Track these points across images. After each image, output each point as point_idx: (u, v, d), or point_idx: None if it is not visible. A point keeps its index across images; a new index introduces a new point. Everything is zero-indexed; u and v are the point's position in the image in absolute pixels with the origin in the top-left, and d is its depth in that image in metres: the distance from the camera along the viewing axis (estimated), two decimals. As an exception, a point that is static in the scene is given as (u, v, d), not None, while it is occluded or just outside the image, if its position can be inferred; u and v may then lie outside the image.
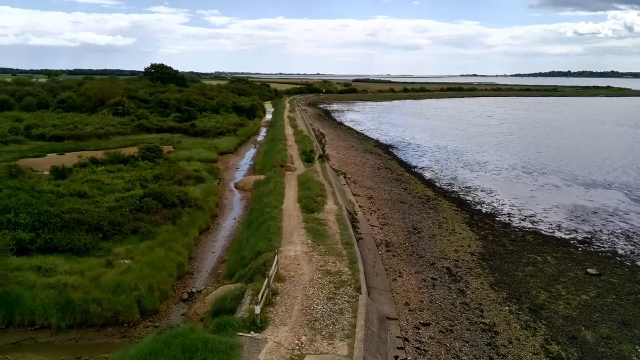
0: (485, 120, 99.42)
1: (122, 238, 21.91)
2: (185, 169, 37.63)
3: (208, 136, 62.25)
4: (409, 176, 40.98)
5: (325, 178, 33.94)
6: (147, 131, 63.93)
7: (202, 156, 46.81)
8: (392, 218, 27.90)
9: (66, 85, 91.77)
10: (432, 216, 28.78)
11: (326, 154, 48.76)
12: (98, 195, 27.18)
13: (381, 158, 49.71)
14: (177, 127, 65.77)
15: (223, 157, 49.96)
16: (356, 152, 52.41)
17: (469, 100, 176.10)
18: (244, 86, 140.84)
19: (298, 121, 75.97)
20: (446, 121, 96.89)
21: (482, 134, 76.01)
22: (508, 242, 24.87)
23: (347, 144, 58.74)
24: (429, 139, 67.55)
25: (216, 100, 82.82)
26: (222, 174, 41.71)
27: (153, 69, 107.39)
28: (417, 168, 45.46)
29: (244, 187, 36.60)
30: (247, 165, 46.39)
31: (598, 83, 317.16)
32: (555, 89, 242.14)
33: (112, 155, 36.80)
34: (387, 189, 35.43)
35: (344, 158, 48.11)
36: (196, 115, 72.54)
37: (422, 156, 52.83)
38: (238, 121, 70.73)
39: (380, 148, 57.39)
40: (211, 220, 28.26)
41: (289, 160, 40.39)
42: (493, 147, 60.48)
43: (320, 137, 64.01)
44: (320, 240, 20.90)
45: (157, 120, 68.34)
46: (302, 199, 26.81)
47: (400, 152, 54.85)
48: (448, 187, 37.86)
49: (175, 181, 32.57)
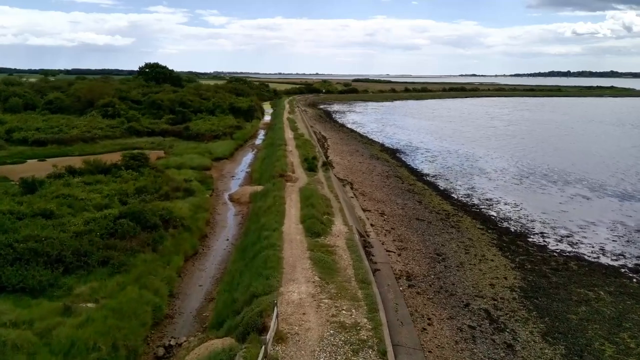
0: (491, 122, 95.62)
1: (87, 272, 18.02)
2: (174, 179, 33.78)
3: (202, 140, 58.37)
4: (422, 186, 37.12)
5: (331, 190, 30.07)
6: (137, 134, 60.05)
7: (194, 163, 42.96)
8: (410, 240, 24.03)
9: (55, 86, 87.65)
10: (456, 237, 24.92)
11: (330, 161, 44.89)
12: (68, 214, 23.28)
13: (389, 164, 45.85)
14: (170, 130, 61.89)
15: (217, 164, 46.07)
16: (362, 158, 48.55)
17: (471, 101, 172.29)
18: (242, 86, 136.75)
19: (298, 123, 72.09)
20: (451, 123, 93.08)
21: (491, 136, 72.20)
22: (550, 272, 21.02)
23: (351, 148, 54.88)
24: (438, 143, 63.71)
25: (212, 102, 78.90)
26: (216, 183, 37.84)
27: (147, 69, 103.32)
28: (429, 176, 41.60)
29: (240, 200, 32.73)
30: (244, 173, 42.51)
31: (598, 83, 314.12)
32: (559, 89, 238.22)
33: (92, 164, 32.90)
34: (400, 202, 31.56)
35: (349, 165, 44.24)
36: (191, 117, 68.63)
37: (433, 162, 48.97)
38: (235, 123, 66.83)
39: (386, 153, 53.54)
40: (200, 242, 24.41)
41: (290, 168, 36.53)
42: (507, 152, 56.65)
43: (322, 140, 60.13)
44: (329, 276, 17.03)
45: (149, 122, 64.43)
46: (306, 218, 22.94)
47: (408, 158, 50.99)
48: (467, 199, 34.02)
49: (161, 195, 28.73)
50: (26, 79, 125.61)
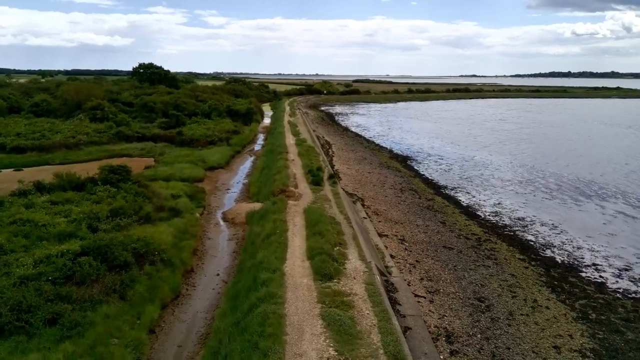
0: (501, 125, 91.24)
1: (28, 337, 13.63)
2: (160, 195, 29.44)
3: (197, 146, 54.00)
4: (442, 201, 32.73)
5: (341, 211, 25.66)
6: (126, 140, 55.65)
7: (185, 174, 38.60)
8: (442, 278, 19.62)
9: (43, 87, 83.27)
10: (495, 272, 20.51)
11: (336, 171, 40.50)
12: (21, 248, 18.89)
13: (401, 175, 41.46)
14: (162, 135, 57.50)
15: (212, 174, 41.69)
16: (370, 167, 44.15)
17: (476, 102, 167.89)
18: (241, 87, 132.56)
19: (300, 127, 67.70)
20: (460, 125, 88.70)
21: (505, 141, 67.82)
22: (622, 324, 16.63)
23: (358, 155, 50.48)
24: (450, 148, 59.33)
25: (208, 104, 74.47)
26: (208, 198, 33.48)
27: (141, 69, 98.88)
28: (448, 189, 37.21)
29: (234, 220, 28.35)
30: (240, 185, 38.14)
31: (598, 84, 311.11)
32: (565, 90, 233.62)
33: (64, 179, 28.48)
34: (421, 223, 27.16)
35: (357, 175, 39.85)
36: (185, 120, 64.25)
37: (449, 171, 44.57)
38: (232, 128, 62.43)
39: (396, 160, 49.15)
40: (184, 279, 20.04)
41: (292, 182, 32.14)
42: (527, 159, 52.25)
43: (327, 146, 55.76)
44: (349, 346, 12.61)
45: (140, 126, 60.03)
46: (314, 253, 18.54)
47: (421, 166, 46.60)
48: (495, 218, 29.62)
49: (142, 217, 24.37)
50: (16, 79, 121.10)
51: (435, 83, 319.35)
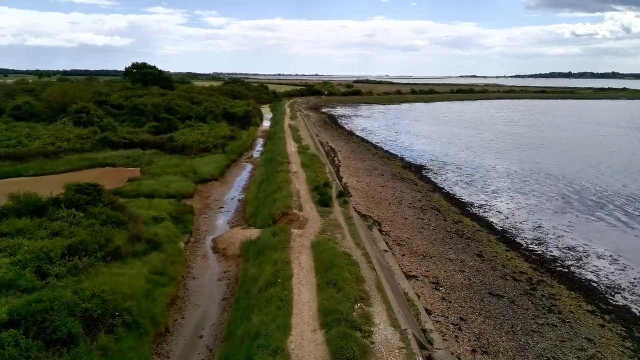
0: (512, 128, 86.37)
1: None
2: (137, 218, 24.60)
3: (189, 154, 49.09)
4: (472, 224, 27.82)
5: (357, 243, 20.74)
6: (112, 147, 50.76)
7: (172, 189, 33.73)
8: (500, 349, 14.67)
9: (29, 88, 78.19)
10: (567, 336, 15.59)
11: (345, 184, 35.62)
12: None
13: (418, 189, 36.55)
14: (152, 141, 52.59)
15: (204, 188, 36.80)
16: (383, 179, 39.24)
17: (482, 104, 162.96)
18: (239, 88, 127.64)
19: (302, 131, 62.82)
20: (469, 129, 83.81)
21: (522, 147, 62.97)
22: None
23: (367, 165, 45.56)
24: (465, 156, 54.45)
25: (204, 107, 69.51)
26: (197, 220, 28.60)
27: (134, 69, 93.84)
28: (475, 207, 32.30)
29: (226, 252, 23.46)
30: (236, 202, 33.25)
31: (599, 85, 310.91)
32: (572, 91, 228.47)
33: (21, 202, 23.54)
34: (454, 256, 22.25)
35: (369, 191, 34.94)
36: (177, 125, 59.34)
37: (471, 184, 39.66)
38: (228, 133, 57.51)
39: (410, 171, 44.23)
40: (155, 346, 15.15)
41: (295, 202, 27.22)
42: (553, 169, 47.31)
43: (332, 154, 50.86)
44: None
45: (128, 132, 55.13)
46: (329, 319, 13.61)
47: (439, 178, 41.67)
48: (540, 246, 24.72)
49: (109, 253, 19.50)
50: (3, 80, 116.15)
51: (436, 84, 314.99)
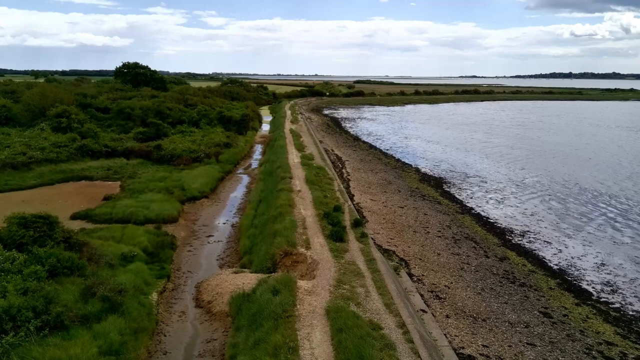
0: (527, 132, 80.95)
1: None
2: (100, 258, 19.27)
3: (178, 164, 43.63)
4: (522, 262, 22.30)
5: (388, 306, 15.16)
6: (92, 156, 45.24)
7: (152, 211, 28.31)
8: None
9: (10, 90, 72.53)
10: None
11: (358, 205, 30.10)
12: None
13: (443, 209, 31.05)
14: (137, 149, 47.04)
15: (191, 208, 31.31)
16: (400, 197, 33.75)
17: (488, 105, 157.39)
18: (237, 89, 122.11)
19: (304, 137, 57.33)
20: (481, 133, 78.31)
21: (545, 154, 57.53)
22: None
23: (379, 178, 40.05)
24: (486, 165, 48.96)
25: (197, 110, 63.91)
26: (180, 253, 23.12)
27: (125, 69, 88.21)
28: (516, 234, 26.77)
29: (212, 307, 17.95)
30: (228, 227, 27.73)
31: (600, 85, 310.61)
32: (580, 92, 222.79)
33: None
34: (515, 318, 16.72)
35: (387, 213, 29.41)
36: (167, 131, 53.76)
37: (503, 202, 34.11)
38: (223, 139, 51.97)
39: (429, 185, 38.70)
40: None
41: (300, 234, 21.68)
42: (593, 183, 41.81)
43: (339, 164, 45.35)
44: None
45: (111, 138, 49.57)
46: None
47: (464, 194, 36.16)
48: (616, 297, 19.19)
49: (47, 322, 14.04)
50: None
51: (436, 84, 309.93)
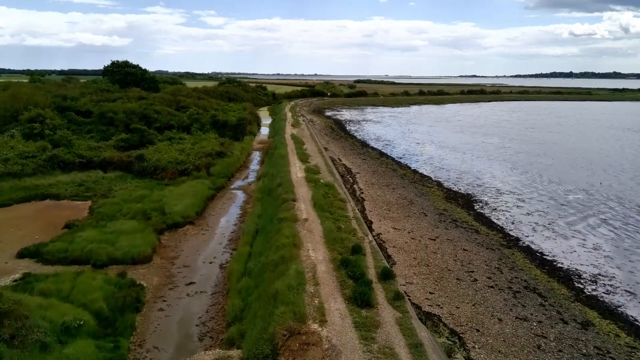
0: (547, 136, 75.07)
1: None
2: (25, 340, 13.32)
3: (162, 178, 37.66)
4: (614, 332, 16.34)
5: None
6: (63, 168, 39.26)
7: (119, 248, 22.34)
8: None
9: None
10: None
11: (379, 237, 24.06)
12: None
13: (483, 240, 25.03)
14: (117, 159, 40.93)
15: (171, 239, 25.27)
16: (427, 223, 27.72)
17: (496, 105, 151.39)
18: (235, 89, 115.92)
19: (307, 144, 51.30)
20: (497, 137, 72.32)
21: (576, 163, 51.60)
22: None
23: (398, 195, 34.02)
24: (517, 177, 42.99)
25: (188, 113, 57.81)
26: (146, 316, 17.09)
27: (114, 68, 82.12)
28: (586, 279, 20.72)
29: None
30: (216, 268, 21.67)
31: (601, 85, 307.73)
32: (589, 92, 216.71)
33: None
34: None
35: (416, 248, 23.36)
36: (152, 138, 47.66)
37: (552, 229, 28.02)
38: (216, 147, 45.92)
39: (457, 204, 32.68)
40: None
41: (311, 300, 15.61)
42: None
43: (349, 177, 39.28)
44: None
45: (88, 147, 43.48)
46: None
47: (502, 218, 30.13)
48: None
49: None
50: None
51: (437, 84, 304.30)
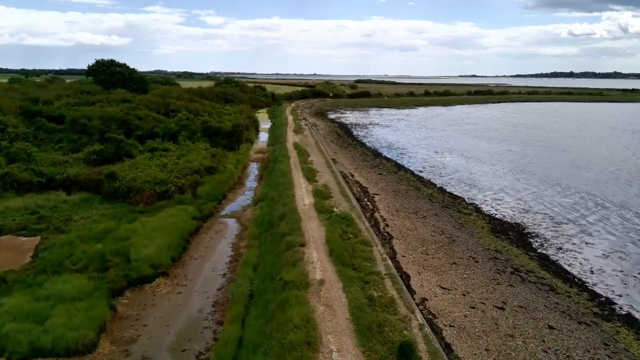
0: (575, 143, 68.05)
1: None
2: None
3: (137, 202, 30.47)
4: None
5: None
6: (18, 189, 32.02)
7: (49, 330, 15.06)
8: None
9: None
10: None
11: (429, 312, 16.95)
12: None
13: (565, 305, 17.98)
14: (84, 178, 33.64)
15: (132, 303, 18.10)
16: (482, 274, 20.61)
17: (506, 107, 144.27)
18: (232, 90, 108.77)
19: (313, 156, 44.20)
20: (518, 145, 65.27)
21: (621, 180, 44.64)
22: None
23: (432, 228, 26.86)
24: (569, 198, 35.97)
25: (176, 119, 50.61)
26: None
27: (99, 67, 74.87)
28: None
29: None
30: (192, 357, 14.52)
31: (601, 84, 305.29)
32: (600, 93, 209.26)
33: None
34: None
35: (486, 330, 16.18)
36: (131, 149, 40.43)
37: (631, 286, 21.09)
38: (206, 162, 38.70)
39: (509, 241, 25.57)
40: None
41: None
42: None
43: (365, 200, 32.12)
44: None
45: (52, 161, 36.29)
46: None
47: (574, 263, 22.96)
48: None
49: None
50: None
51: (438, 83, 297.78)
